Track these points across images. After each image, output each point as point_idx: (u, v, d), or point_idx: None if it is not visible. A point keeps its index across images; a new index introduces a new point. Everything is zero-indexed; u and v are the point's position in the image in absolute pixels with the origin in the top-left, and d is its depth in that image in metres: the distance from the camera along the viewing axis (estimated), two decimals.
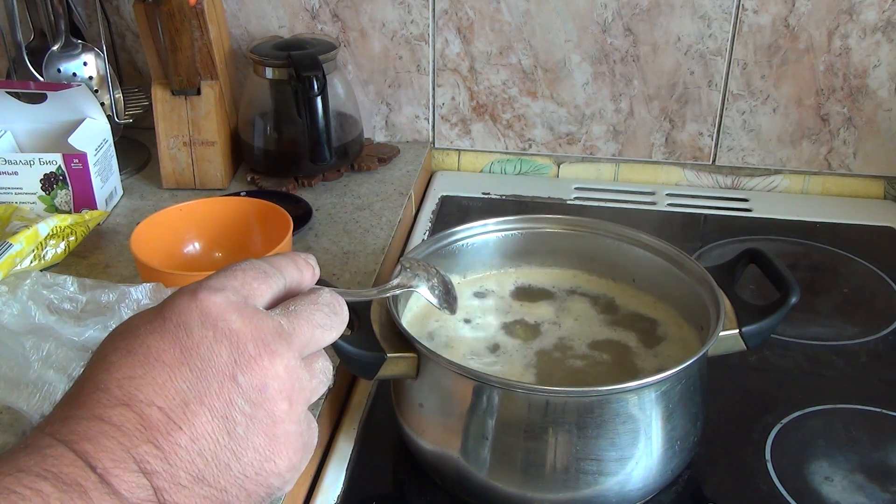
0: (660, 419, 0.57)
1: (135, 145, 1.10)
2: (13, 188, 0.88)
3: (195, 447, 0.37)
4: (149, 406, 0.36)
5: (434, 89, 1.10)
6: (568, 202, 1.06)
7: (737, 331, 0.61)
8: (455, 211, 1.04)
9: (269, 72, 0.99)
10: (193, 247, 0.82)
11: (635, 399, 0.55)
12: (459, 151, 1.14)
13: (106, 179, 0.93)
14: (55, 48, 1.01)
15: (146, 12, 0.94)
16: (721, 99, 1.05)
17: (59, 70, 1.02)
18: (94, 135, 0.92)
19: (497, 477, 0.58)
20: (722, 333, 0.60)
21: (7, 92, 0.93)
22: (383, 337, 0.59)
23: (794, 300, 0.61)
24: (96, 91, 1.03)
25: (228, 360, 0.38)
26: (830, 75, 1.02)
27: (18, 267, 0.75)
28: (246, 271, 0.42)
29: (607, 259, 0.73)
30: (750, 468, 0.65)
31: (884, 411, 0.70)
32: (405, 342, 0.59)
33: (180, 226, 0.81)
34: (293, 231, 0.78)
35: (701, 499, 0.63)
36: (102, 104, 0.97)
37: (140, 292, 0.69)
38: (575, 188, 1.10)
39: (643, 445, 0.57)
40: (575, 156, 1.12)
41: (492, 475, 0.58)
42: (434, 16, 1.06)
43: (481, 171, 1.15)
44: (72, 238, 0.82)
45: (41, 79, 0.99)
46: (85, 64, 1.03)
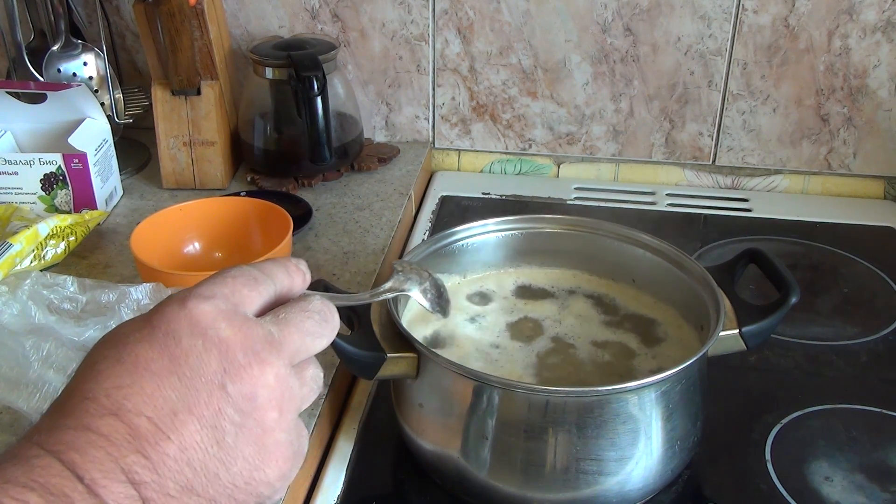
0: (660, 419, 0.57)
1: (135, 145, 1.10)
2: (13, 188, 0.88)
3: (184, 457, 0.36)
4: (137, 416, 0.36)
5: (434, 89, 1.10)
6: (568, 202, 1.06)
7: (737, 331, 0.61)
8: (455, 211, 1.04)
9: (269, 72, 0.99)
10: (193, 247, 0.82)
11: (635, 399, 0.55)
12: (459, 151, 1.14)
13: (106, 179, 0.93)
14: (55, 48, 1.01)
15: (146, 12, 0.94)
16: (721, 99, 1.05)
17: (59, 70, 1.02)
18: (94, 135, 0.92)
19: (497, 477, 0.58)
20: (722, 333, 0.60)
21: (7, 92, 0.93)
22: (383, 337, 0.59)
23: (794, 300, 0.61)
24: (96, 91, 1.03)
25: (217, 369, 0.38)
26: (830, 75, 1.02)
27: (18, 267, 0.75)
28: (236, 278, 0.41)
29: (607, 259, 0.73)
30: (750, 468, 0.65)
31: (884, 411, 0.70)
32: (405, 342, 0.59)
33: (180, 226, 0.81)
34: (293, 231, 0.78)
35: (701, 499, 0.63)
36: (102, 104, 0.97)
37: (140, 292, 0.69)
38: (575, 188, 1.10)
39: (643, 445, 0.57)
40: (575, 156, 1.12)
41: (492, 475, 0.58)
42: (434, 16, 1.06)
43: (481, 171, 1.15)
44: (72, 238, 0.82)
45: (41, 79, 0.99)
46: (85, 64, 1.03)
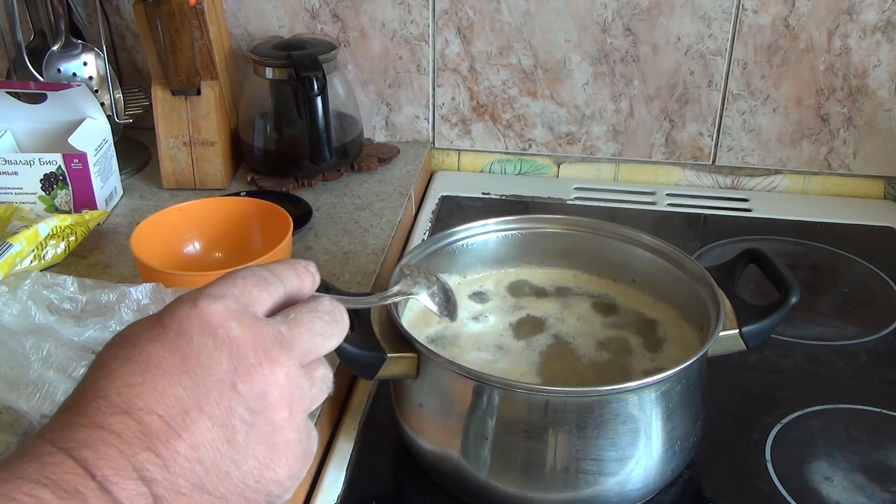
0: (660, 419, 0.57)
1: (135, 145, 1.10)
2: (13, 188, 0.88)
3: (195, 455, 0.37)
4: (148, 414, 0.36)
5: (434, 89, 1.10)
6: (568, 202, 1.06)
7: (737, 331, 0.61)
8: (455, 211, 1.04)
9: (269, 72, 0.99)
10: (193, 247, 0.82)
11: (635, 399, 0.55)
12: (459, 151, 1.14)
13: (106, 179, 0.93)
14: (55, 48, 1.01)
15: (146, 12, 0.94)
16: (721, 99, 1.05)
17: (59, 70, 1.02)
18: (94, 135, 0.92)
19: (497, 477, 0.58)
20: (722, 333, 0.60)
21: (7, 92, 0.93)
22: (383, 337, 0.59)
23: (794, 300, 0.61)
24: (96, 91, 1.03)
25: (228, 368, 0.38)
26: (830, 75, 1.02)
27: (18, 267, 0.75)
28: (246, 279, 0.42)
29: (607, 259, 0.73)
30: (750, 468, 0.65)
31: (884, 411, 0.70)
32: (405, 342, 0.59)
33: (180, 226, 0.81)
34: (293, 231, 0.78)
35: (701, 499, 0.63)
36: (102, 104, 0.97)
37: (140, 292, 0.69)
38: (575, 188, 1.10)
39: (643, 445, 0.57)
40: (575, 156, 1.12)
41: (492, 475, 0.58)
42: (434, 16, 1.06)
43: (481, 171, 1.15)
44: (72, 238, 0.82)
45: (41, 79, 0.99)
46: (85, 64, 1.03)
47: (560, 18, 1.03)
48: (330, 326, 0.43)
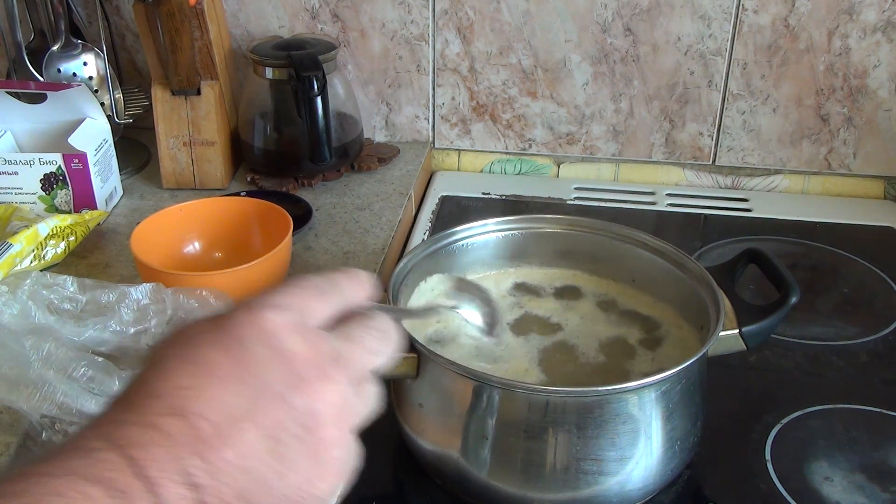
0: (660, 419, 0.57)
1: (135, 145, 1.10)
2: (13, 188, 0.89)
3: (242, 464, 0.36)
4: (200, 418, 0.36)
5: (434, 89, 1.10)
6: (568, 202, 1.06)
7: (737, 331, 0.61)
8: (455, 211, 1.04)
9: (269, 72, 0.99)
10: (193, 247, 0.82)
11: (635, 399, 0.55)
12: (459, 151, 1.14)
13: (106, 179, 0.93)
14: (55, 48, 1.01)
15: (146, 12, 0.94)
16: (721, 99, 1.05)
17: (59, 70, 1.02)
18: (94, 135, 0.92)
19: (497, 477, 0.58)
20: (722, 333, 0.60)
21: (7, 92, 0.93)
22: None
23: (794, 300, 0.61)
24: (96, 91, 1.03)
25: (282, 381, 0.38)
26: (830, 75, 1.02)
27: (18, 267, 0.75)
28: (305, 289, 0.42)
29: (607, 259, 0.73)
30: (750, 468, 0.65)
31: (884, 411, 0.70)
32: (405, 342, 0.59)
33: (180, 226, 0.81)
34: (293, 231, 0.78)
35: (701, 499, 0.63)
36: (102, 104, 0.97)
37: (140, 292, 0.69)
38: (575, 188, 1.10)
39: (643, 445, 0.57)
40: (575, 156, 1.12)
41: (492, 475, 0.58)
42: (434, 16, 1.06)
43: (481, 171, 1.15)
44: (72, 238, 0.82)
45: (41, 79, 0.99)
46: (85, 64, 1.03)
47: (560, 18, 1.03)
48: (383, 343, 0.43)
